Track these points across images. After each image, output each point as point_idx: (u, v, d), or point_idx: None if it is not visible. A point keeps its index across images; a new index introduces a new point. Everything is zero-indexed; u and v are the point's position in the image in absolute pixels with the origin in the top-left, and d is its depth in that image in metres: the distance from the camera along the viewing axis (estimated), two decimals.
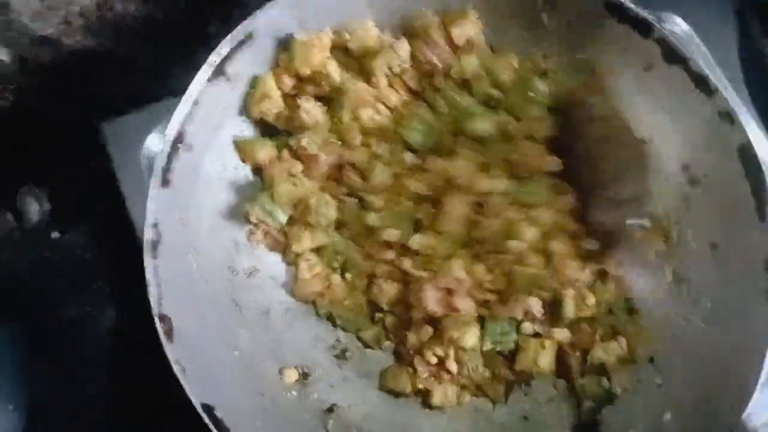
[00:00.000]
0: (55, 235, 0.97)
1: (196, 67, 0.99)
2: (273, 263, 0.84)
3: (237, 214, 0.82)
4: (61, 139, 0.97)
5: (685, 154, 0.80)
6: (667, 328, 0.80)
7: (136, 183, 0.92)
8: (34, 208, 0.90)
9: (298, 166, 0.81)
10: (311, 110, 0.81)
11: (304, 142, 0.80)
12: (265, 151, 0.82)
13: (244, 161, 0.83)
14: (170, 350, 0.67)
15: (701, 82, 0.76)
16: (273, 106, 0.81)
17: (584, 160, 0.84)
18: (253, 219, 0.81)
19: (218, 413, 0.68)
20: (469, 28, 0.83)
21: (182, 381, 0.66)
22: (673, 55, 0.78)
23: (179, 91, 0.94)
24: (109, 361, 0.94)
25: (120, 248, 0.92)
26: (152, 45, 0.96)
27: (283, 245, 0.83)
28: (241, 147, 0.82)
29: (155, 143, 0.94)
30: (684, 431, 0.74)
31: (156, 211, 0.72)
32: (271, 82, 0.81)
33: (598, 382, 0.80)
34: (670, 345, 0.79)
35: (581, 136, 0.84)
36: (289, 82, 0.82)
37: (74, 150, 0.97)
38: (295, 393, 0.78)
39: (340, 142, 0.82)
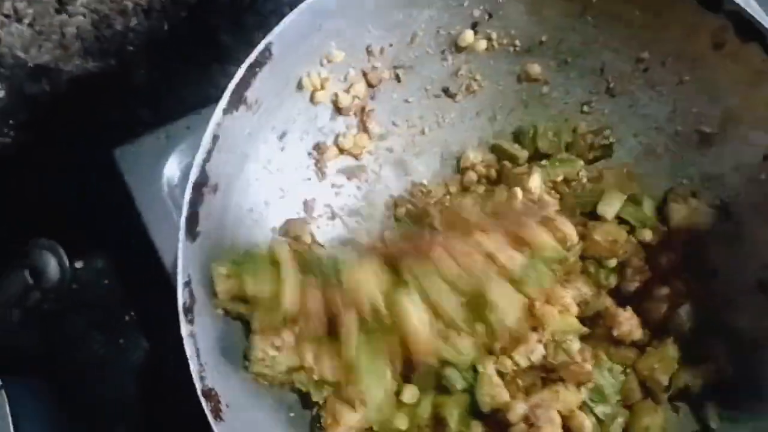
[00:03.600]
0: (78, 264, 0.91)
1: (211, 81, 0.91)
2: None
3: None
4: (69, 171, 0.89)
5: (765, 143, 0.70)
6: None
7: (158, 210, 0.86)
8: (54, 265, 0.82)
9: None
10: None
11: None
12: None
13: None
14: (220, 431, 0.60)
15: None
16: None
17: None
18: None
19: None
20: None
21: None
22: (747, 29, 0.67)
23: (195, 108, 0.87)
24: (143, 397, 0.88)
25: (146, 276, 0.86)
26: (160, 61, 0.87)
27: None
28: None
29: (176, 168, 0.87)
30: None
31: (186, 267, 0.64)
32: None
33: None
34: None
35: None
36: None
37: (86, 181, 0.89)
38: None
39: None
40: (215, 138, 0.66)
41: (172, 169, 0.87)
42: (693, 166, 0.75)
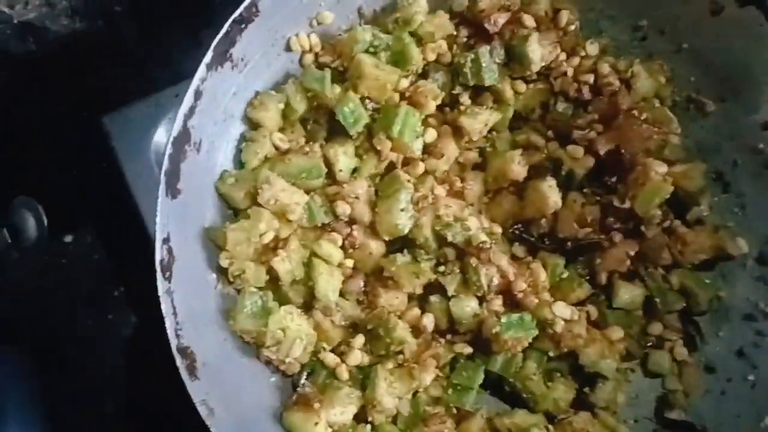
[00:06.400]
0: (67, 239, 0.89)
1: (202, 48, 0.89)
2: None
3: None
4: (56, 137, 0.87)
5: (765, 111, 0.69)
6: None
7: (146, 180, 0.83)
8: (31, 224, 0.80)
9: None
10: None
11: None
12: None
13: None
14: (194, 389, 0.58)
15: None
16: None
17: None
18: None
19: None
20: None
21: (210, 425, 0.58)
22: None
23: (185, 76, 0.84)
24: (130, 373, 0.87)
25: (132, 246, 0.84)
26: (150, 25, 0.85)
27: None
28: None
29: (165, 136, 0.85)
30: None
31: (166, 225, 0.62)
32: None
33: None
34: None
35: None
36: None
37: (73, 148, 0.87)
38: None
39: None
40: (198, 93, 0.64)
41: (161, 137, 0.85)
42: (688, 137, 0.73)
